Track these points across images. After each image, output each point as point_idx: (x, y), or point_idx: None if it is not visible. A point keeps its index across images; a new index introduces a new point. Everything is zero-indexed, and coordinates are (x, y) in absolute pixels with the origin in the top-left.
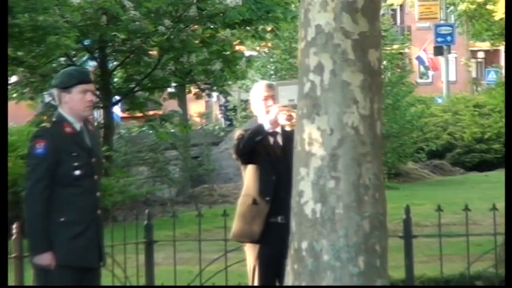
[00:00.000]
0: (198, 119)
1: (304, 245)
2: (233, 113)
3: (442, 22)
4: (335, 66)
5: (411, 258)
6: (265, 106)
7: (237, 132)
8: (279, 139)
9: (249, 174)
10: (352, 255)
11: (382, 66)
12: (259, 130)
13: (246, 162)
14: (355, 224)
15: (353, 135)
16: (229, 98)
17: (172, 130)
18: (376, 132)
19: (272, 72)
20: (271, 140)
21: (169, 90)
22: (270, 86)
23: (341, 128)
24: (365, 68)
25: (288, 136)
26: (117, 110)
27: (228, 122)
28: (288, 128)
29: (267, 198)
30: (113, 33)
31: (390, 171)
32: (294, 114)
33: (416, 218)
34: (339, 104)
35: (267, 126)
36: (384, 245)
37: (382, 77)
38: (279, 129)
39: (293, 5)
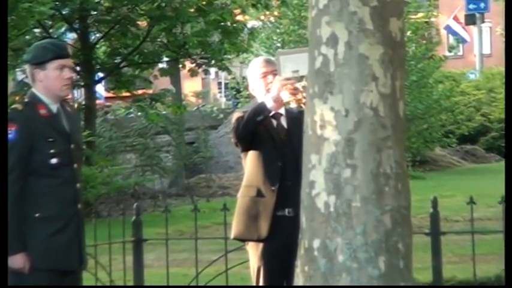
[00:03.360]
0: (193, 99)
1: (316, 243)
2: (234, 92)
3: None
4: (351, 38)
5: (439, 258)
6: (265, 84)
7: (236, 114)
8: (283, 121)
9: (250, 161)
10: (371, 255)
11: (405, 38)
12: (260, 108)
13: (246, 147)
14: (375, 219)
15: (372, 116)
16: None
17: (164, 112)
18: (398, 113)
19: (279, 45)
20: (275, 122)
21: (161, 66)
22: (268, 61)
23: (358, 109)
24: (385, 40)
25: (293, 117)
26: (100, 89)
27: (231, 102)
28: (293, 105)
29: (273, 188)
30: (96, 0)
31: (415, 158)
32: (299, 87)
33: (445, 212)
34: (355, 81)
35: (269, 104)
36: (407, 243)
37: (406, 49)
38: (282, 111)
39: None
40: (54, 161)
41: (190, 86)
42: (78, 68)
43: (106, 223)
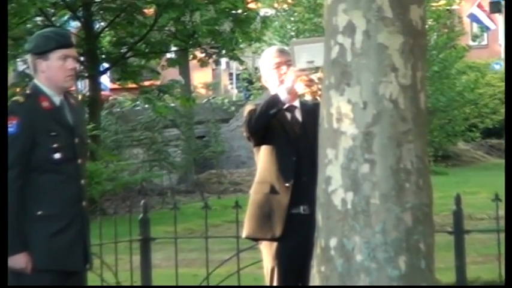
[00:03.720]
0: (203, 91)
1: (333, 242)
2: (246, 84)
3: None
4: (369, 26)
5: (463, 257)
6: (278, 75)
7: (248, 107)
8: (298, 114)
9: (263, 156)
10: (390, 255)
11: (426, 26)
12: (274, 101)
13: (259, 142)
14: (395, 217)
15: (391, 109)
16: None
17: (172, 104)
18: (420, 105)
19: (293, 33)
20: (289, 115)
21: (169, 56)
22: (282, 51)
23: (376, 101)
24: (405, 28)
25: (308, 110)
26: (105, 80)
27: (243, 94)
28: (308, 98)
29: (287, 184)
30: None
31: (437, 153)
32: (315, 78)
33: (469, 210)
34: (374, 71)
35: (283, 96)
36: (429, 242)
37: (427, 39)
38: (297, 103)
39: None
40: (57, 156)
41: (200, 77)
42: (81, 58)
43: (112, 221)
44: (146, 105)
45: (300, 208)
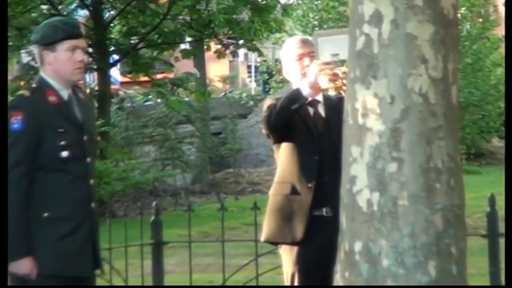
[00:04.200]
0: (220, 84)
1: (358, 246)
2: (266, 77)
3: None
4: (397, 15)
5: (497, 263)
6: (301, 67)
7: (268, 102)
8: (321, 109)
9: (283, 155)
10: (420, 260)
11: (458, 15)
12: (295, 96)
13: (279, 139)
14: (424, 220)
15: (421, 104)
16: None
17: (186, 98)
18: (451, 100)
19: (316, 23)
20: (311, 110)
21: (183, 47)
22: (305, 42)
23: (405, 95)
24: (436, 17)
25: (332, 105)
26: (115, 73)
27: (262, 88)
28: (332, 93)
29: (309, 185)
30: None
31: (469, 151)
32: (339, 72)
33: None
34: (402, 63)
35: (306, 91)
36: (461, 247)
37: (459, 28)
38: (320, 97)
39: None
40: (64, 154)
41: (216, 70)
42: (90, 50)
43: (122, 224)
44: (159, 100)
45: (322, 210)
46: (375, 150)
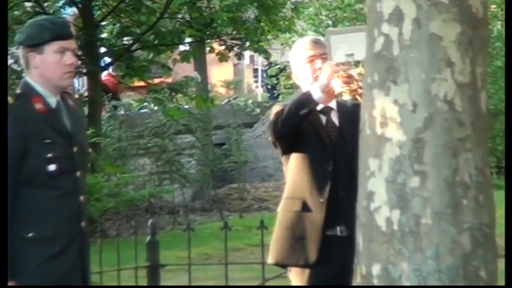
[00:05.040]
0: (223, 90)
1: (376, 269)
2: (275, 81)
3: None
4: (420, 13)
5: None
6: (312, 71)
7: (275, 108)
8: (334, 117)
9: (293, 167)
10: (445, 284)
11: (488, 13)
12: (305, 99)
13: (287, 148)
14: (450, 240)
15: (446, 111)
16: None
17: (186, 106)
18: (480, 107)
19: (330, 22)
20: (324, 119)
21: (182, 48)
22: (317, 43)
23: (429, 102)
24: (463, 16)
25: (347, 113)
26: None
27: (269, 94)
28: (346, 97)
29: (322, 200)
30: None
31: (500, 164)
32: (354, 74)
33: None
34: (426, 67)
35: (317, 95)
36: (491, 270)
37: (489, 28)
38: (333, 104)
39: None
40: (52, 167)
41: (219, 74)
42: (79, 52)
43: (114, 245)
44: (155, 107)
45: (336, 229)
46: (395, 163)
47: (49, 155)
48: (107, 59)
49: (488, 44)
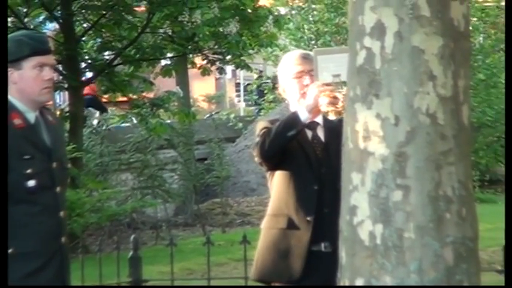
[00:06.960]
0: (205, 105)
1: (359, 283)
2: (255, 96)
3: None
4: (402, 27)
5: None
6: (300, 86)
7: (260, 125)
8: (320, 133)
9: (278, 183)
10: None
11: (470, 26)
12: (293, 121)
13: (273, 167)
14: (433, 254)
15: (428, 125)
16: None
17: (168, 120)
18: (462, 120)
19: (312, 36)
20: (310, 134)
21: (164, 63)
22: (306, 58)
23: (411, 116)
24: (445, 29)
25: (332, 128)
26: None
27: (255, 108)
28: (332, 117)
29: (308, 219)
30: None
31: (483, 177)
32: (340, 96)
33: None
34: (408, 80)
35: (304, 116)
36: (474, 283)
37: (471, 41)
38: (319, 119)
39: None
40: (31, 183)
41: (201, 88)
42: (60, 67)
43: (96, 260)
44: (137, 122)
45: (320, 245)
46: (377, 177)
47: (28, 171)
48: (88, 74)
49: (470, 56)
